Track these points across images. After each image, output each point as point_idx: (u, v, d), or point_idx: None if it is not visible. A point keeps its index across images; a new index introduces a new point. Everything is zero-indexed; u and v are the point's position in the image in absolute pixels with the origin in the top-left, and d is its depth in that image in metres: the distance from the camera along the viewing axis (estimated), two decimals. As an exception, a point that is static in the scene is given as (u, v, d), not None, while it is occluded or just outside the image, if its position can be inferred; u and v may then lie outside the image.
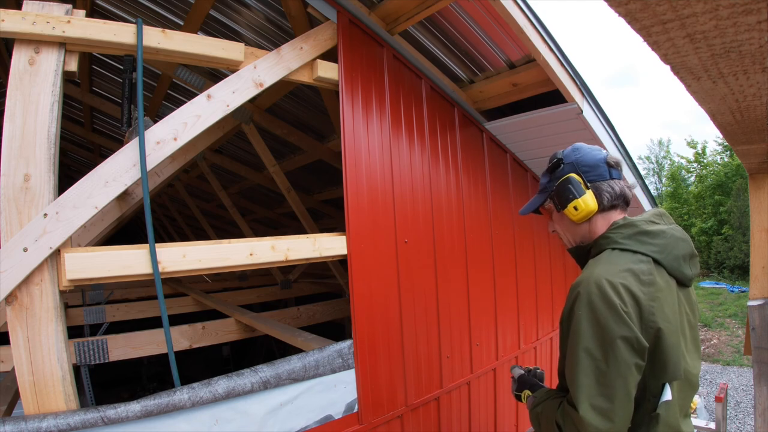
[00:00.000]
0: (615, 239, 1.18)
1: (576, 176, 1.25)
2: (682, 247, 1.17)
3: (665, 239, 1.15)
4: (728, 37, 0.62)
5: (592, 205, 1.23)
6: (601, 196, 1.24)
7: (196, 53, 1.75)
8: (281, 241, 1.92)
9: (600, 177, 1.24)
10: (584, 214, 1.24)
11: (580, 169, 1.26)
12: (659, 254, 1.13)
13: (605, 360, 1.02)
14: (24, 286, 1.36)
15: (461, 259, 2.75)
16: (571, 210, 1.25)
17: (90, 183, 1.50)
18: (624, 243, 1.15)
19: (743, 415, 6.19)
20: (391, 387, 2.26)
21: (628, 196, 1.27)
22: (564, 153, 1.32)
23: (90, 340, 3.05)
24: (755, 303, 1.90)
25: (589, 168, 1.25)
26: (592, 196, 1.23)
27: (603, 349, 1.03)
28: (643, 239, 1.15)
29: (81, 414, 1.37)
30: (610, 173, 1.24)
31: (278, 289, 5.59)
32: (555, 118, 2.63)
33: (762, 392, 1.89)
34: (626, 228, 1.18)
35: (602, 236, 1.23)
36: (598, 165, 1.25)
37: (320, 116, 3.42)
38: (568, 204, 1.25)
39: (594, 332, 1.04)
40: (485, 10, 2.17)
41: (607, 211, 1.26)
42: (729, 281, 15.49)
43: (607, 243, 1.19)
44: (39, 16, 1.39)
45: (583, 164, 1.26)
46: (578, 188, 1.24)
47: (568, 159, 1.29)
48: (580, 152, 1.29)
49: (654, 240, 1.15)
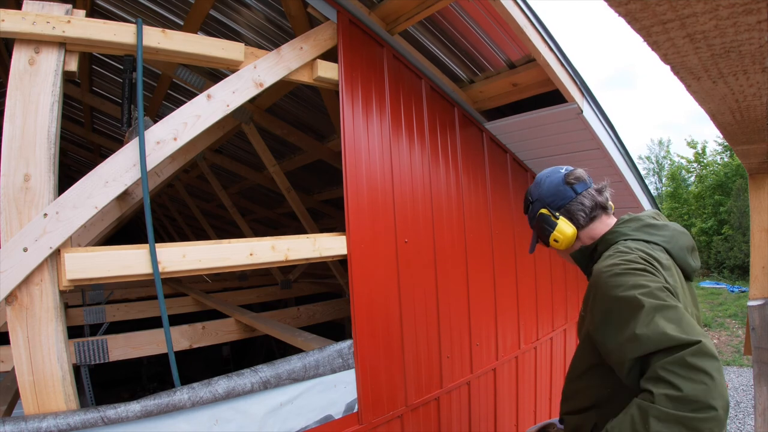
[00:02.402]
0: (624, 232, 1.18)
1: (545, 211, 1.30)
2: (685, 239, 1.20)
3: (669, 231, 1.19)
4: (728, 37, 0.62)
5: (569, 231, 1.26)
6: (575, 216, 1.27)
7: (196, 53, 1.75)
8: (281, 241, 1.92)
9: (566, 199, 1.27)
10: (566, 242, 1.28)
11: (546, 201, 1.30)
12: (668, 244, 1.15)
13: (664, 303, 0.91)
14: (24, 286, 1.36)
15: (461, 259, 2.75)
16: (553, 243, 1.30)
17: (90, 183, 1.50)
18: (635, 234, 1.16)
19: (743, 415, 6.19)
20: (391, 387, 2.26)
21: (602, 201, 1.29)
22: (530, 191, 1.37)
23: (90, 340, 3.05)
24: (755, 303, 1.90)
25: (552, 197, 1.29)
26: (566, 222, 1.27)
27: (657, 297, 0.93)
28: (650, 231, 1.17)
29: (81, 414, 1.37)
30: (574, 190, 1.27)
31: (278, 289, 5.58)
32: (555, 118, 2.63)
33: (762, 392, 1.89)
34: (633, 222, 1.20)
35: (610, 231, 1.23)
36: (558, 189, 1.28)
37: (320, 116, 3.42)
38: (548, 239, 1.30)
39: (639, 291, 0.95)
40: (485, 10, 2.17)
41: (589, 225, 1.28)
42: (729, 281, 15.50)
43: (616, 236, 1.20)
44: (39, 16, 1.39)
45: (546, 196, 1.30)
46: (549, 221, 1.28)
47: (534, 196, 1.34)
48: (540, 185, 1.33)
49: (661, 231, 1.17)
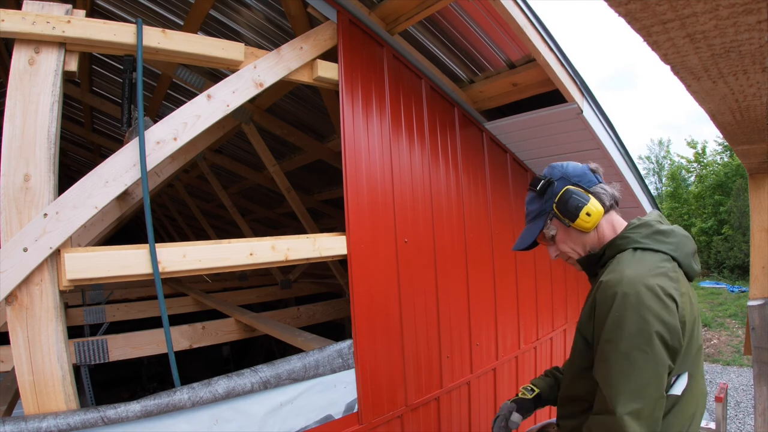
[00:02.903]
0: (635, 239, 1.18)
1: (574, 187, 1.27)
2: (690, 244, 1.20)
3: (677, 237, 1.18)
4: (728, 37, 0.62)
5: (600, 207, 1.24)
6: (601, 198, 1.26)
7: (196, 53, 1.75)
8: (281, 241, 1.92)
9: (592, 182, 1.28)
10: (596, 218, 1.24)
11: (573, 180, 1.28)
12: (675, 252, 1.15)
13: (644, 361, 1.02)
14: (24, 286, 1.36)
15: (461, 259, 2.75)
16: (584, 217, 1.24)
17: (90, 183, 1.50)
18: (645, 242, 1.17)
19: (743, 415, 6.19)
20: (391, 387, 2.26)
21: (618, 195, 1.31)
22: (547, 173, 1.34)
23: (90, 340, 3.05)
24: (755, 303, 1.90)
25: (580, 177, 1.28)
26: (595, 200, 1.25)
27: (643, 349, 1.02)
28: (660, 238, 1.17)
29: (81, 414, 1.37)
30: (596, 178, 1.29)
31: (278, 289, 5.58)
32: (555, 118, 2.63)
33: (762, 392, 1.89)
34: (643, 228, 1.20)
35: (620, 236, 1.23)
36: (586, 173, 1.29)
37: (320, 116, 3.42)
38: (579, 212, 1.24)
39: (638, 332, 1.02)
40: (485, 10, 2.17)
41: (608, 212, 1.28)
42: (729, 281, 15.50)
43: (627, 243, 1.20)
44: (39, 16, 1.39)
45: (574, 175, 1.29)
46: (582, 196, 1.25)
47: (556, 175, 1.31)
48: (563, 167, 1.31)
49: (669, 239, 1.17)
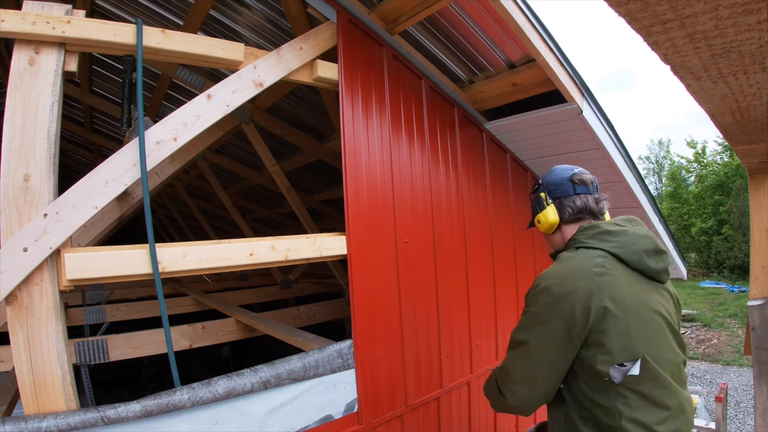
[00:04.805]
0: (580, 239, 1.34)
1: (543, 194, 1.45)
2: (644, 242, 1.28)
3: (626, 237, 1.27)
4: (728, 37, 0.62)
5: (553, 217, 1.41)
6: (563, 210, 1.40)
7: (196, 53, 1.75)
8: (281, 241, 1.92)
9: (564, 193, 1.41)
10: (546, 225, 1.43)
11: (547, 188, 1.45)
12: (618, 249, 1.25)
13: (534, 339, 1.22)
14: (24, 286, 1.36)
15: (461, 258, 2.75)
16: (535, 222, 1.47)
17: (90, 183, 1.50)
18: (587, 242, 1.30)
19: (743, 415, 6.19)
20: (391, 387, 2.26)
21: (593, 208, 1.41)
22: (542, 176, 1.51)
23: (90, 340, 3.05)
24: (755, 303, 1.90)
25: (554, 186, 1.43)
26: (553, 210, 1.41)
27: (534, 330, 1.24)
28: (604, 237, 1.28)
29: (81, 414, 1.37)
30: (574, 189, 1.40)
31: (278, 289, 5.58)
32: (555, 118, 2.63)
33: (762, 392, 1.89)
34: (590, 229, 1.33)
35: (571, 239, 1.38)
36: (562, 183, 1.42)
37: (320, 116, 3.42)
38: (533, 218, 1.48)
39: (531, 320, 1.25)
40: (485, 10, 2.16)
41: (572, 223, 1.41)
42: (729, 281, 15.51)
43: (574, 243, 1.35)
44: (39, 16, 1.39)
45: (550, 183, 1.45)
46: (541, 204, 1.45)
47: (543, 180, 1.49)
48: (551, 173, 1.48)
49: (614, 238, 1.27)
